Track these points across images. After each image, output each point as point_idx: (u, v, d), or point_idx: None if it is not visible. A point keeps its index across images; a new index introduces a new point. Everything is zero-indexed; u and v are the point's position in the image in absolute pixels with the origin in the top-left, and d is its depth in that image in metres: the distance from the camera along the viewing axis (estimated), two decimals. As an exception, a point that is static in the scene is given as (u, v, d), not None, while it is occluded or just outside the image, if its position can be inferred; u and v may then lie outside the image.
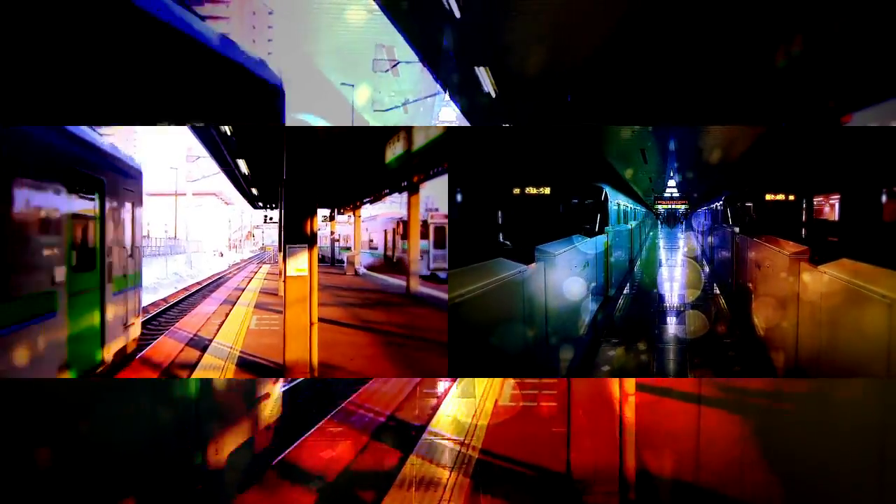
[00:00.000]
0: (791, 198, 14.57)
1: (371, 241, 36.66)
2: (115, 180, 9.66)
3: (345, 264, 32.15)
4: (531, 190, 13.49)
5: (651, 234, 33.81)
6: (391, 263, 32.01)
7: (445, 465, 6.97)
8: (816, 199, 11.03)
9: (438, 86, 19.70)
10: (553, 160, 13.99)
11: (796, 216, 13.69)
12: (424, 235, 27.47)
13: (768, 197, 15.16)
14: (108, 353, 9.27)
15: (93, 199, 8.61)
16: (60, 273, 7.14)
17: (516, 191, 13.44)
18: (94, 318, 8.61)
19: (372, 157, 14.81)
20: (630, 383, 6.31)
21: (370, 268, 32.92)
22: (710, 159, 18.18)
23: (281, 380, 12.05)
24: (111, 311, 9.33)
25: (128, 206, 10.48)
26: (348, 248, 38.56)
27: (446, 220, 27.60)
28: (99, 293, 8.82)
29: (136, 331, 11.15)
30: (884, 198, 7.29)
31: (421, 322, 13.78)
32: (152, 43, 4.82)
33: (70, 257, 7.52)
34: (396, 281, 24.43)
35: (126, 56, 4.53)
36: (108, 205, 9.17)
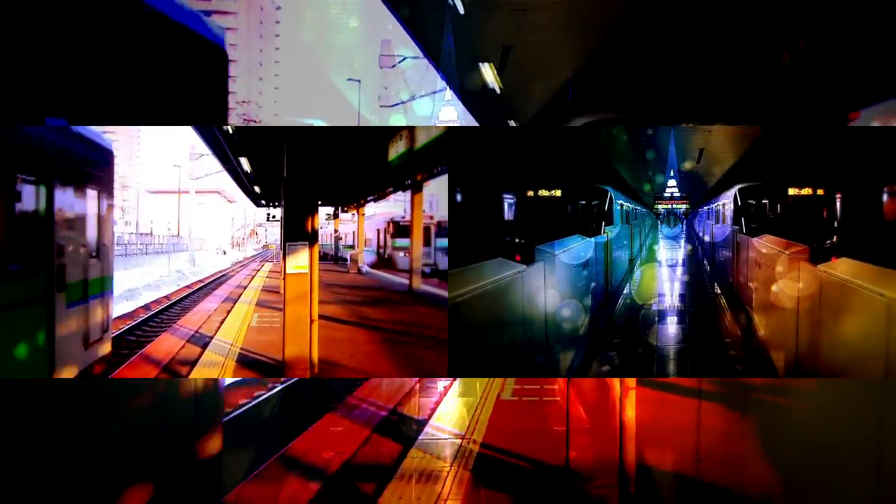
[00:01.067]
0: (820, 192, 12.81)
1: (367, 239, 38.29)
2: (73, 161, 7.82)
3: (348, 262, 32.44)
4: (543, 192, 13.67)
5: (651, 233, 33.83)
6: (383, 260, 34.70)
7: (446, 458, 7.01)
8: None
9: (444, 82, 19.74)
10: (557, 160, 14.07)
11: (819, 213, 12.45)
12: (408, 234, 28.09)
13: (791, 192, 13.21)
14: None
15: (35, 184, 6.76)
16: None
17: (529, 193, 13.58)
18: (34, 338, 6.70)
19: (375, 156, 14.85)
20: (630, 383, 6.34)
21: (367, 264, 34.08)
22: (712, 159, 18.18)
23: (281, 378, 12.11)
24: (64, 327, 7.41)
25: (91, 193, 8.54)
26: (352, 247, 38.92)
27: (431, 220, 31.30)
28: (45, 305, 6.94)
29: (103, 349, 9.24)
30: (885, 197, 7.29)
31: (423, 320, 13.81)
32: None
33: None
34: (398, 279, 24.55)
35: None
36: (59, 192, 7.24)
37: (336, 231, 44.82)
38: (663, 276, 18.43)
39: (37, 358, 6.67)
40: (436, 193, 31.17)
